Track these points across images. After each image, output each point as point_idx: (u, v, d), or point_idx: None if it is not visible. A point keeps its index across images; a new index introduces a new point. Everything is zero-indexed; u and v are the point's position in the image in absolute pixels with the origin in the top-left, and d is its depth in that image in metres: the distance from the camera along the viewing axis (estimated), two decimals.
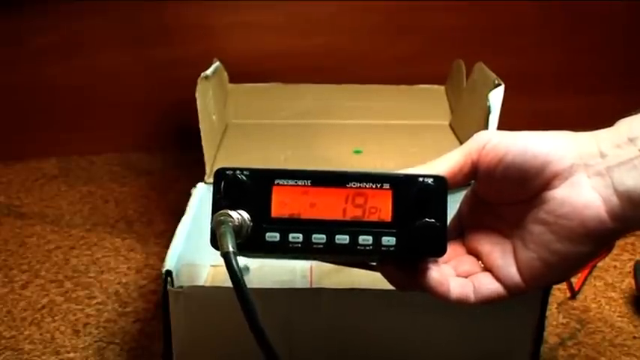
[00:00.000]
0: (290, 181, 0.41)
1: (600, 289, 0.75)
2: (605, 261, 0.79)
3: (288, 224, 0.41)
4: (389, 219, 0.41)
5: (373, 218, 0.41)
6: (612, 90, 1.15)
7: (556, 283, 0.65)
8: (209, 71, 0.79)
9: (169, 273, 0.53)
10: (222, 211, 0.40)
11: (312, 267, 0.71)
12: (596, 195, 0.39)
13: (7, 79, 1.05)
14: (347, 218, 0.41)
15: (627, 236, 0.76)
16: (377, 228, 0.41)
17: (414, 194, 0.41)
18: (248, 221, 0.41)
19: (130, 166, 1.07)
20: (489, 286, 0.43)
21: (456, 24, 1.10)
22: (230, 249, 0.38)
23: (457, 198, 0.47)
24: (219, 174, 0.41)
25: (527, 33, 1.13)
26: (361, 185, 0.41)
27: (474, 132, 0.44)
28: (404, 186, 0.41)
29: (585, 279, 0.76)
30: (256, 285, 0.47)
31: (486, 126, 0.69)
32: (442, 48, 1.09)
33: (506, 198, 0.43)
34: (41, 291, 0.74)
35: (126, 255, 0.82)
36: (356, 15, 1.09)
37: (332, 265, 0.55)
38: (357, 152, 0.80)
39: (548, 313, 0.58)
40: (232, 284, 0.38)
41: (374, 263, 0.46)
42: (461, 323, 0.55)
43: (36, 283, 0.76)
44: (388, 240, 0.41)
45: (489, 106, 0.69)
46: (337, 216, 0.41)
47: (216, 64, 0.85)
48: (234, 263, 0.38)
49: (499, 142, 0.41)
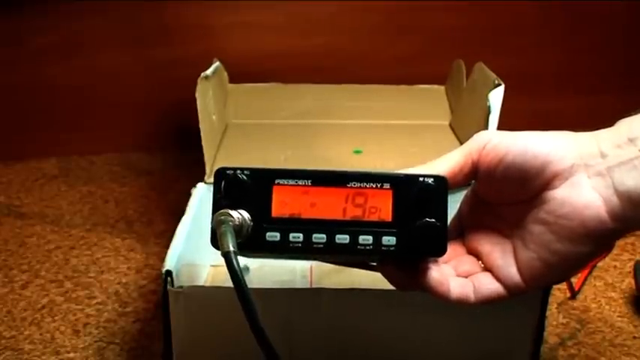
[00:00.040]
0: (290, 181, 0.41)
1: (600, 289, 0.75)
2: (605, 261, 0.79)
3: (288, 224, 0.41)
4: (389, 219, 0.41)
5: (373, 218, 0.41)
6: (612, 90, 1.15)
7: (556, 283, 0.65)
8: (209, 71, 0.79)
9: (169, 273, 0.53)
10: (222, 211, 0.40)
11: (312, 267, 0.71)
12: (596, 195, 0.39)
13: (7, 79, 1.05)
14: (347, 218, 0.41)
15: (627, 236, 0.76)
16: (377, 228, 0.41)
17: (415, 194, 0.41)
18: (248, 221, 0.41)
19: (130, 166, 1.07)
20: (489, 286, 0.43)
21: (456, 24, 1.10)
22: (230, 248, 0.38)
23: (457, 198, 0.47)
24: (219, 174, 0.41)
25: (527, 33, 1.13)
26: (361, 185, 0.41)
27: (474, 132, 0.44)
28: (404, 186, 0.41)
29: (585, 279, 0.76)
30: (256, 285, 0.47)
31: (486, 126, 0.69)
32: (442, 48, 1.09)
33: (506, 198, 0.43)
34: (41, 291, 0.74)
35: (126, 255, 0.82)
36: (356, 15, 1.09)
37: (332, 265, 0.54)
38: (357, 152, 0.80)
39: (548, 313, 0.58)
40: (233, 284, 0.38)
41: (374, 263, 0.46)
42: (461, 323, 0.55)
43: (36, 283, 0.76)
44: (388, 240, 0.41)
45: (489, 106, 0.69)
46: (337, 216, 0.41)
47: (216, 64, 0.85)
48: (234, 263, 0.38)
49: (499, 142, 0.41)
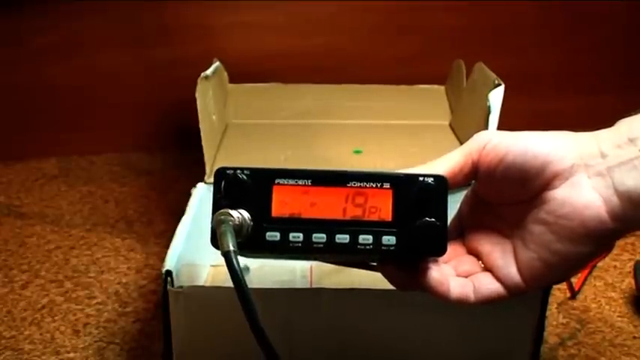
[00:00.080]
0: (290, 181, 0.41)
1: (600, 289, 0.75)
2: (605, 261, 0.79)
3: (288, 224, 0.41)
4: (389, 218, 0.41)
5: (373, 218, 0.41)
6: (612, 90, 1.15)
7: (556, 283, 0.65)
8: (209, 71, 0.79)
9: (169, 273, 0.53)
10: (222, 211, 0.40)
11: (312, 267, 0.71)
12: (596, 195, 0.39)
13: (7, 79, 1.05)
14: (347, 218, 0.41)
15: (627, 236, 0.76)
16: (377, 227, 0.41)
17: (415, 194, 0.41)
18: (248, 220, 0.41)
19: (130, 166, 1.07)
20: (489, 286, 0.43)
21: (456, 24, 1.10)
22: (230, 248, 0.38)
23: (457, 198, 0.47)
24: (219, 173, 0.41)
25: (527, 33, 1.13)
26: (361, 185, 0.41)
27: (474, 132, 0.44)
28: (404, 185, 0.41)
29: (585, 279, 0.76)
30: (256, 285, 0.47)
31: (486, 126, 0.69)
32: (442, 48, 1.09)
33: (506, 198, 0.43)
34: (41, 291, 0.74)
35: (126, 255, 0.82)
36: (356, 15, 1.09)
37: (332, 265, 0.54)
38: (357, 152, 0.80)
39: (548, 313, 0.58)
40: (233, 283, 0.38)
41: (374, 263, 0.46)
42: (461, 323, 0.55)
43: (36, 283, 0.76)
44: (388, 239, 0.41)
45: (489, 106, 0.69)
46: (337, 215, 0.41)
47: (216, 64, 0.85)
48: (234, 262, 0.38)
49: (499, 143, 0.41)
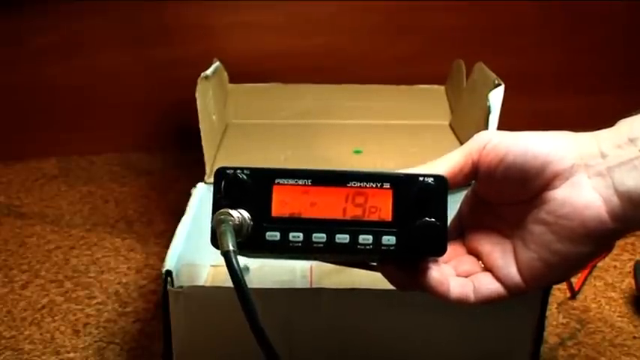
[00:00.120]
0: (290, 181, 0.41)
1: (600, 289, 0.75)
2: (605, 261, 0.79)
3: (288, 223, 0.41)
4: (389, 218, 0.41)
5: (373, 217, 0.41)
6: (612, 90, 1.15)
7: (556, 283, 0.65)
8: (209, 71, 0.79)
9: (169, 273, 0.53)
10: (222, 210, 0.40)
11: (312, 267, 0.71)
12: (596, 195, 0.39)
13: (7, 79, 1.05)
14: (347, 217, 0.41)
15: (627, 236, 0.76)
16: (377, 227, 0.41)
17: (415, 194, 0.41)
18: (248, 220, 0.41)
19: (130, 166, 1.07)
20: (489, 286, 0.43)
21: (456, 24, 1.10)
22: (230, 248, 0.38)
23: (457, 198, 0.47)
24: (219, 173, 0.41)
25: (527, 33, 1.13)
26: (361, 185, 0.41)
27: (474, 132, 0.44)
28: (404, 185, 0.41)
29: (585, 279, 0.76)
30: (256, 285, 0.47)
31: (486, 126, 0.69)
32: (442, 48, 1.09)
33: (506, 198, 0.43)
34: (41, 291, 0.74)
35: (126, 255, 0.82)
36: (356, 15, 1.09)
37: (332, 265, 0.54)
38: (357, 152, 0.80)
39: (548, 313, 0.58)
40: (233, 283, 0.38)
41: (374, 263, 0.46)
42: (461, 323, 0.55)
43: (36, 283, 0.76)
44: (388, 239, 0.41)
45: (489, 106, 0.69)
46: (337, 215, 0.41)
47: (216, 64, 0.85)
48: (234, 262, 0.38)
49: (499, 143, 0.41)
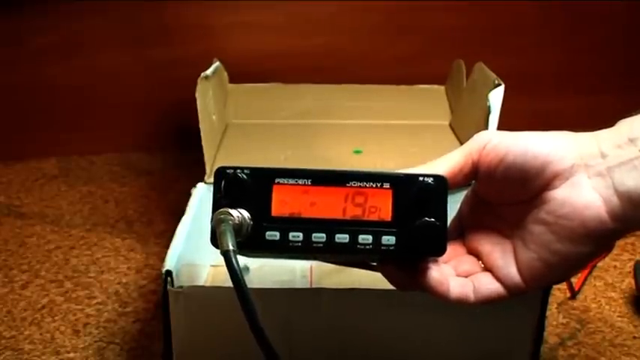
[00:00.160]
0: (290, 180, 0.41)
1: (600, 289, 0.75)
2: (605, 261, 0.79)
3: (288, 223, 0.41)
4: (389, 218, 0.41)
5: (373, 217, 0.41)
6: (612, 90, 1.15)
7: (556, 283, 0.65)
8: (209, 71, 0.79)
9: (169, 273, 0.53)
10: (222, 210, 0.40)
11: (312, 267, 0.71)
12: (596, 195, 0.39)
13: (7, 79, 1.05)
14: (347, 217, 0.41)
15: (627, 236, 0.76)
16: (377, 227, 0.41)
17: (414, 193, 0.41)
18: (248, 220, 0.41)
19: (130, 166, 1.07)
20: (489, 286, 0.43)
21: (456, 24, 1.10)
22: (230, 247, 0.38)
23: (457, 198, 0.47)
24: (219, 173, 0.41)
25: (527, 33, 1.13)
26: (361, 184, 0.41)
27: (474, 132, 0.44)
28: (404, 185, 0.41)
29: (585, 279, 0.76)
30: (256, 285, 0.47)
31: (486, 126, 0.69)
32: (442, 48, 1.09)
33: (506, 198, 0.43)
34: (41, 291, 0.74)
35: (126, 255, 0.82)
36: (356, 15, 1.09)
37: (332, 265, 0.54)
38: (357, 152, 0.80)
39: (548, 313, 0.58)
40: (232, 283, 0.38)
41: (374, 263, 0.46)
42: (461, 323, 0.55)
43: (36, 283, 0.76)
44: (388, 239, 0.41)
45: (489, 106, 0.69)
46: (337, 215, 0.41)
47: (216, 64, 0.85)
48: (234, 262, 0.38)
49: (499, 143, 0.41)
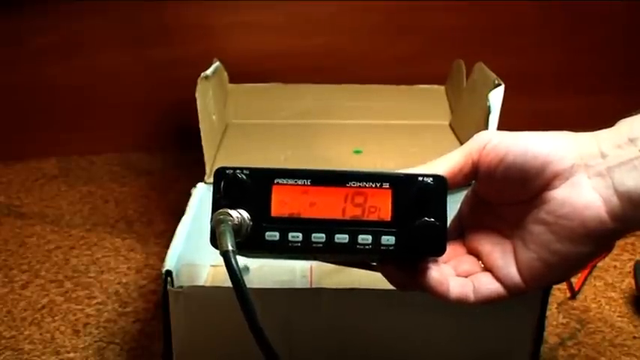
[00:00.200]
0: (290, 181, 0.41)
1: (600, 289, 0.75)
2: (605, 261, 0.79)
3: (287, 223, 0.41)
4: (388, 218, 0.41)
5: (373, 217, 0.41)
6: (612, 90, 1.15)
7: (556, 283, 0.65)
8: (209, 71, 0.79)
9: (169, 273, 0.53)
10: (221, 210, 0.40)
11: (312, 267, 0.71)
12: (596, 195, 0.39)
13: (7, 79, 1.05)
14: (346, 217, 0.41)
15: (627, 236, 0.76)
16: (376, 227, 0.41)
17: (414, 193, 0.41)
18: (248, 220, 0.41)
19: (130, 166, 1.07)
20: (489, 286, 0.43)
21: (456, 24, 1.10)
22: (229, 248, 0.38)
23: (457, 198, 0.47)
24: (219, 173, 0.41)
25: (527, 33, 1.13)
26: (361, 184, 0.41)
27: (474, 132, 0.44)
28: (404, 185, 0.41)
29: (585, 279, 0.76)
30: (256, 285, 0.47)
31: (486, 126, 0.69)
32: (442, 48, 1.09)
33: (506, 198, 0.43)
34: (41, 291, 0.74)
35: (126, 255, 0.82)
36: (356, 15, 1.09)
37: (332, 265, 0.54)
38: (357, 152, 0.80)
39: (548, 313, 0.58)
40: (231, 283, 0.38)
41: (374, 263, 0.46)
42: (461, 323, 0.55)
43: (36, 283, 0.76)
44: (388, 239, 0.41)
45: (489, 106, 0.69)
46: (337, 215, 0.41)
47: (216, 64, 0.85)
48: (233, 262, 0.38)
49: (499, 143, 0.41)
